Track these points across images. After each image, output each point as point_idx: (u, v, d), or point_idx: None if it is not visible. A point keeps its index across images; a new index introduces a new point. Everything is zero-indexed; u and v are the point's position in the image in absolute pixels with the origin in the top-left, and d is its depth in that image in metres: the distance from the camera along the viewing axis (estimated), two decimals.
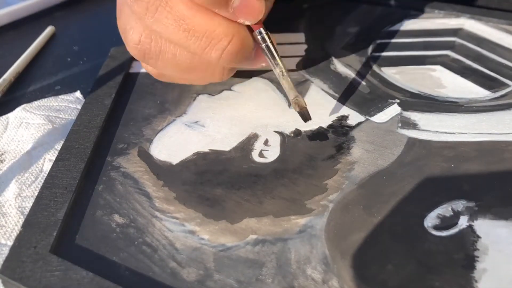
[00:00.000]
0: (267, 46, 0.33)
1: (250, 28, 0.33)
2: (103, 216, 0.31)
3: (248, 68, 0.41)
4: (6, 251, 0.30)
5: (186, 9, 0.31)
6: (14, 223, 0.32)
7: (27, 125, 0.39)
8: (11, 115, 0.40)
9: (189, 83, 0.40)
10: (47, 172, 0.34)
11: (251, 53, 0.33)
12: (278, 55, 0.34)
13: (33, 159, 0.37)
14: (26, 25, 0.53)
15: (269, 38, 0.33)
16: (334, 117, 0.38)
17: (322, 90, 0.40)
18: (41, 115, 0.40)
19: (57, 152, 0.36)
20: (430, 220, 0.30)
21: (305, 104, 0.35)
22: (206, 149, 0.35)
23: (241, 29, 0.32)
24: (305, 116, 0.36)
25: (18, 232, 0.30)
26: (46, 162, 0.36)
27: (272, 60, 0.34)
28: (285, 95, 0.39)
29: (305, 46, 0.45)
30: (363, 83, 0.41)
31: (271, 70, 0.42)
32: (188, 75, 0.36)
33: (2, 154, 0.37)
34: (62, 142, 0.37)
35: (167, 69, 0.35)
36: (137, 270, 0.28)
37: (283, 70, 0.34)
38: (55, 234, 0.30)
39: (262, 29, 0.33)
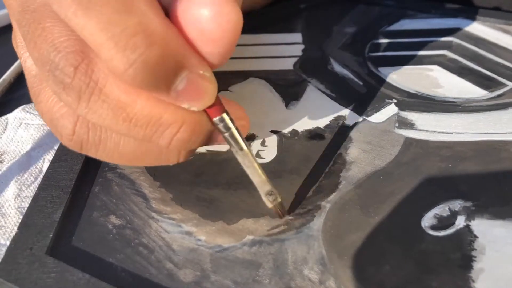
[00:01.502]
0: (231, 135, 0.28)
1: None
2: (99, 218, 0.31)
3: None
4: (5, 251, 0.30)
5: (124, 95, 0.25)
6: (13, 223, 0.32)
7: (27, 125, 0.39)
8: (10, 116, 0.40)
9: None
10: None
11: (208, 136, 0.28)
12: (245, 142, 0.28)
13: (33, 159, 0.37)
14: None
15: (233, 124, 0.28)
16: (331, 117, 0.37)
17: (319, 90, 0.40)
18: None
19: None
20: (427, 220, 0.30)
21: (280, 200, 0.30)
22: (203, 150, 0.35)
23: (192, 113, 0.26)
24: (280, 213, 0.31)
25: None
26: (46, 162, 0.36)
27: (238, 151, 0.28)
28: (282, 96, 0.39)
29: (302, 46, 0.45)
30: (360, 83, 0.41)
31: (269, 71, 0.42)
32: (137, 164, 0.30)
33: (2, 154, 0.37)
34: None
35: (112, 160, 0.29)
36: (133, 271, 0.28)
37: (253, 160, 0.29)
38: (51, 235, 0.29)
39: (224, 115, 0.27)
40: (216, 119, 0.27)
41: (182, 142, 0.27)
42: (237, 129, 0.28)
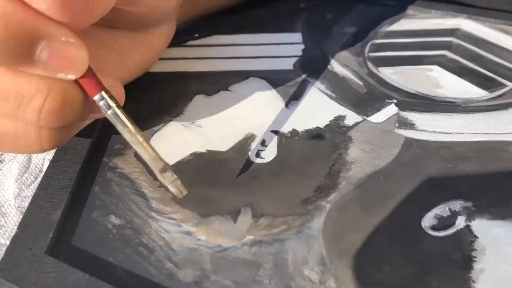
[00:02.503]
0: (115, 113, 0.27)
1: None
2: (99, 217, 0.31)
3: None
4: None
5: None
6: (13, 223, 0.32)
7: None
8: None
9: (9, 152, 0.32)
10: None
11: (81, 106, 0.27)
12: (130, 121, 0.28)
13: (33, 159, 0.36)
14: None
15: (115, 102, 0.27)
16: (331, 117, 0.37)
17: (319, 90, 0.40)
18: None
19: None
20: (428, 220, 0.30)
21: (176, 176, 0.30)
22: (203, 150, 0.35)
23: (59, 81, 0.25)
24: (179, 191, 0.30)
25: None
26: (46, 162, 0.36)
27: (123, 129, 0.28)
28: (282, 95, 0.39)
29: (302, 46, 0.45)
30: (360, 83, 0.41)
31: (269, 70, 0.42)
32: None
33: (2, 154, 0.37)
34: None
35: None
36: (133, 271, 0.28)
37: (139, 138, 0.28)
38: (51, 235, 0.29)
39: (103, 93, 0.26)
40: (96, 97, 0.26)
41: (52, 114, 0.26)
42: (119, 106, 0.27)
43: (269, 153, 0.35)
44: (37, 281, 0.27)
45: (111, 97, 0.27)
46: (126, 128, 0.28)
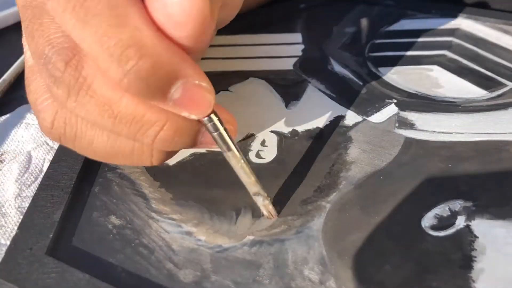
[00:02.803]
0: (220, 135, 0.28)
1: None
2: (99, 218, 0.31)
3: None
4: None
5: (111, 92, 0.26)
6: (13, 223, 0.32)
7: (27, 125, 0.39)
8: (11, 115, 0.40)
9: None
10: None
11: (194, 138, 0.28)
12: (233, 143, 0.29)
13: (33, 159, 0.36)
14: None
15: (222, 125, 0.28)
16: (331, 117, 0.37)
17: (319, 90, 0.40)
18: None
19: None
20: (428, 220, 0.30)
21: (268, 201, 0.31)
22: (203, 150, 0.35)
23: (176, 113, 0.27)
24: (269, 214, 0.31)
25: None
26: (46, 162, 0.36)
27: (226, 151, 0.29)
28: (282, 96, 0.39)
29: (302, 46, 0.45)
30: (360, 83, 0.41)
31: (269, 71, 0.42)
32: (111, 161, 0.30)
33: (2, 154, 0.37)
34: None
35: (88, 154, 0.30)
36: (133, 271, 0.28)
37: (241, 161, 0.29)
38: (51, 235, 0.29)
39: (213, 116, 0.27)
40: (205, 119, 0.27)
41: (165, 141, 0.27)
42: (225, 129, 0.28)
43: (269, 153, 0.35)
44: (38, 281, 0.27)
45: (219, 120, 0.28)
46: (230, 152, 0.29)
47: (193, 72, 0.25)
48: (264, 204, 0.31)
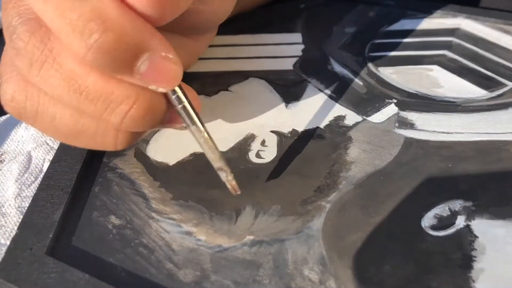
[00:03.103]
0: (184, 108, 0.28)
1: None
2: (99, 218, 0.31)
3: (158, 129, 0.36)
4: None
5: (78, 67, 0.25)
6: (13, 223, 0.32)
7: (27, 125, 0.39)
8: (11, 116, 0.40)
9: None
10: None
11: (162, 116, 0.28)
12: (198, 117, 0.29)
13: (33, 159, 0.37)
14: None
15: (186, 98, 0.28)
16: (331, 117, 0.37)
17: (319, 90, 0.40)
18: None
19: None
20: (428, 220, 0.30)
21: (232, 177, 0.31)
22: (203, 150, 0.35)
23: (146, 90, 0.26)
24: (232, 189, 0.31)
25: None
26: (46, 162, 0.36)
27: (190, 124, 0.29)
28: (282, 96, 0.39)
29: (302, 46, 0.45)
30: (360, 83, 0.41)
31: (269, 71, 0.42)
32: (72, 141, 0.30)
33: (2, 154, 0.37)
34: None
35: (48, 133, 0.29)
36: (133, 271, 0.28)
37: (205, 135, 0.29)
38: (51, 235, 0.29)
39: (177, 88, 0.27)
40: (169, 92, 0.27)
41: (135, 120, 0.27)
42: (190, 103, 0.28)
43: (269, 153, 0.35)
44: (37, 281, 0.27)
45: (184, 93, 0.28)
46: (194, 125, 0.29)
47: (159, 44, 0.25)
48: (227, 179, 0.31)
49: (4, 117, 0.40)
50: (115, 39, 0.23)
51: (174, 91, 0.27)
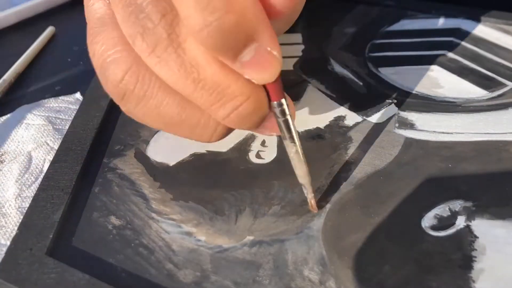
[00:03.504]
0: (286, 121, 0.28)
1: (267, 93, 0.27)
2: (99, 218, 0.31)
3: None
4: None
5: (201, 56, 0.25)
6: (14, 223, 0.32)
7: (27, 125, 0.39)
8: (11, 116, 0.40)
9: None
10: None
11: (262, 119, 0.28)
12: (296, 133, 0.29)
13: (33, 159, 0.37)
14: (26, 26, 0.53)
15: (289, 111, 0.28)
16: (331, 117, 0.37)
17: (319, 90, 0.40)
18: (42, 116, 0.40)
19: None
20: (428, 220, 0.30)
21: (312, 196, 0.31)
22: (203, 150, 0.35)
23: (260, 91, 0.26)
24: (311, 206, 0.31)
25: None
26: (46, 163, 0.36)
27: (288, 138, 0.29)
28: None
29: (302, 47, 0.45)
30: (360, 83, 0.41)
31: None
32: (170, 130, 0.29)
33: (2, 154, 0.37)
34: None
35: (146, 118, 0.29)
36: (133, 272, 0.28)
37: (299, 152, 0.29)
38: (51, 236, 0.29)
39: (283, 100, 0.27)
40: (275, 102, 0.27)
41: (240, 117, 0.27)
42: (291, 117, 0.28)
43: (269, 154, 0.35)
44: (37, 282, 0.27)
45: (287, 106, 0.28)
46: (291, 139, 0.29)
47: (269, 38, 0.24)
48: (308, 197, 0.31)
49: (4, 117, 0.40)
50: (235, 23, 0.23)
51: (280, 103, 0.27)
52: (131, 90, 0.27)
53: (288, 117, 0.28)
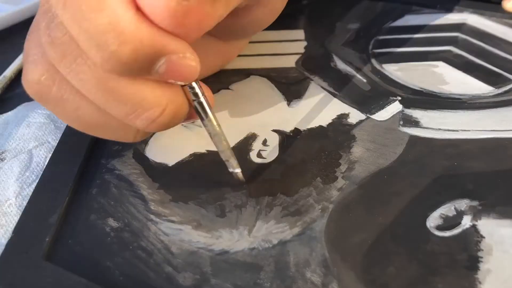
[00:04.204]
0: (200, 103, 0.28)
1: None
2: (97, 220, 0.31)
3: None
4: None
5: None
6: (14, 222, 0.32)
7: (29, 123, 0.39)
8: (12, 113, 0.40)
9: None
10: None
11: (185, 117, 0.29)
12: (212, 112, 0.29)
13: (34, 158, 0.36)
14: (27, 24, 0.52)
15: (202, 93, 0.28)
16: (334, 115, 0.37)
17: (322, 88, 0.39)
18: (43, 114, 0.40)
19: None
20: (433, 220, 0.29)
21: (238, 170, 0.32)
22: (203, 150, 0.35)
23: (177, 96, 0.27)
24: (238, 180, 0.32)
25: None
26: (47, 161, 0.36)
27: (204, 119, 0.29)
28: (284, 94, 0.39)
29: (304, 43, 0.45)
30: (364, 80, 0.40)
31: (271, 68, 0.41)
32: (92, 132, 0.29)
33: (3, 152, 0.37)
34: None
35: (66, 120, 0.29)
36: (132, 275, 0.28)
37: (218, 130, 0.30)
38: (47, 239, 0.29)
39: (194, 84, 0.28)
40: (188, 86, 0.28)
41: (159, 126, 0.27)
42: (205, 97, 0.28)
43: (271, 153, 0.34)
44: (33, 286, 0.27)
45: (201, 88, 0.28)
46: (207, 118, 0.29)
47: (175, 47, 0.24)
48: (234, 171, 0.32)
49: (5, 115, 0.40)
50: (132, 51, 0.23)
51: (191, 87, 0.28)
52: (48, 93, 0.27)
53: (202, 98, 0.28)
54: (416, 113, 0.36)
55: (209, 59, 0.36)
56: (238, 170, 0.32)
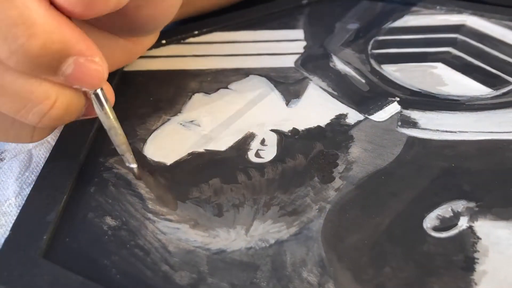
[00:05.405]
0: (96, 95, 0.28)
1: None
2: (94, 219, 0.31)
3: None
4: None
5: None
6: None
7: None
8: None
9: None
10: None
11: (81, 111, 0.28)
12: (108, 105, 0.29)
13: (34, 157, 0.36)
14: None
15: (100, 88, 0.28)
16: (332, 115, 0.37)
17: (321, 88, 0.40)
18: None
19: None
20: (430, 221, 0.29)
21: (134, 166, 0.32)
22: (201, 149, 0.35)
23: (66, 88, 0.26)
24: (133, 175, 0.33)
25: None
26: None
27: (101, 111, 0.29)
28: (283, 94, 0.39)
29: (303, 43, 0.45)
30: (363, 80, 0.40)
31: (270, 68, 0.41)
32: None
33: (2, 152, 0.37)
34: None
35: None
36: (129, 273, 0.28)
37: (113, 123, 0.30)
38: (45, 237, 0.29)
39: None
40: None
41: (53, 120, 0.27)
42: (101, 89, 0.28)
43: (269, 153, 0.34)
44: (30, 283, 0.27)
45: None
46: (103, 111, 0.29)
47: (85, 48, 0.25)
48: (130, 166, 0.32)
49: None
50: (41, 46, 0.23)
51: None
52: None
53: (98, 90, 0.28)
54: (414, 114, 0.36)
55: (113, 56, 0.35)
56: (134, 166, 0.32)
